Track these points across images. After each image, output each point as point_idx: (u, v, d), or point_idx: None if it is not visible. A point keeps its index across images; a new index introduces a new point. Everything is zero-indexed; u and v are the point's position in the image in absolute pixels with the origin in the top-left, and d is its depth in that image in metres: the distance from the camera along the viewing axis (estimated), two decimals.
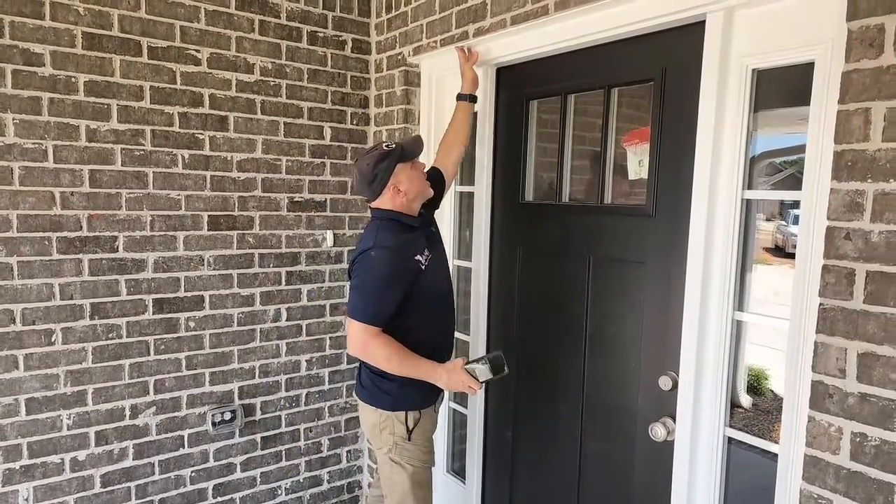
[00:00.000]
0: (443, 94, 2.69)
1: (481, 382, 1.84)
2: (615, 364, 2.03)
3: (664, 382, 1.82)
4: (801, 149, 1.49)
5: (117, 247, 2.45)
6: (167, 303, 2.58)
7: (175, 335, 2.61)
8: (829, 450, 1.32)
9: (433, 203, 2.14)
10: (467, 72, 2.30)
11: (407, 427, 1.97)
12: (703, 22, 1.65)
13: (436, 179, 2.15)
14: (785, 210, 1.89)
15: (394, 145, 1.91)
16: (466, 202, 2.70)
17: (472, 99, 2.30)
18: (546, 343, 2.30)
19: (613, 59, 1.97)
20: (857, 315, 1.27)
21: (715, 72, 1.63)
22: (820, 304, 1.33)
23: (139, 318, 2.52)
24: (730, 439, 1.73)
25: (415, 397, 1.97)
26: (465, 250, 2.74)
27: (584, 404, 2.13)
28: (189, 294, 2.62)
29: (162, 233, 2.54)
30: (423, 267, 1.91)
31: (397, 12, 2.79)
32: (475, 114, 2.40)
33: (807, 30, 1.46)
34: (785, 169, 1.68)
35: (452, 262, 2.76)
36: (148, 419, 2.58)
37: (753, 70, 1.60)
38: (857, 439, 1.28)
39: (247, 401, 2.82)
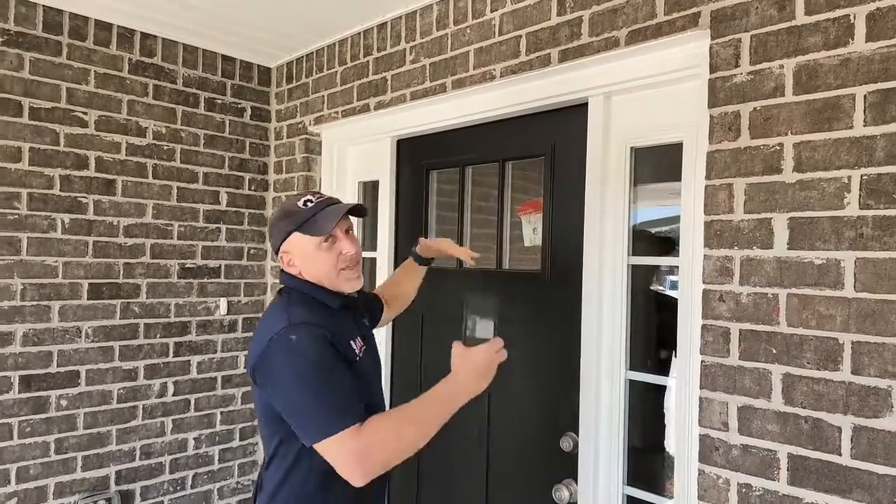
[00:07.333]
0: (344, 163, 2.73)
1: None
2: (519, 426, 2.05)
3: (565, 443, 1.86)
4: (675, 220, 1.64)
5: None
6: (36, 380, 2.31)
7: (44, 416, 2.33)
8: (718, 502, 1.39)
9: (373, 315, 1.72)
10: (446, 249, 1.84)
11: None
12: (586, 104, 1.81)
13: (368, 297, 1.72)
14: (661, 275, 2.02)
15: (311, 202, 1.38)
16: (368, 268, 2.69)
17: (425, 262, 1.89)
18: None
19: (507, 134, 2.09)
20: (734, 371, 1.38)
21: (598, 149, 1.78)
22: (702, 361, 1.43)
23: (2, 398, 2.24)
24: (629, 497, 1.77)
25: None
26: None
27: (490, 470, 2.12)
28: (62, 369, 2.37)
29: (34, 303, 2.31)
30: (358, 358, 1.36)
31: (298, 83, 2.82)
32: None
33: (675, 115, 1.65)
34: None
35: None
36: None
37: (632, 148, 1.77)
38: (744, 490, 1.36)
39: (124, 486, 2.54)
